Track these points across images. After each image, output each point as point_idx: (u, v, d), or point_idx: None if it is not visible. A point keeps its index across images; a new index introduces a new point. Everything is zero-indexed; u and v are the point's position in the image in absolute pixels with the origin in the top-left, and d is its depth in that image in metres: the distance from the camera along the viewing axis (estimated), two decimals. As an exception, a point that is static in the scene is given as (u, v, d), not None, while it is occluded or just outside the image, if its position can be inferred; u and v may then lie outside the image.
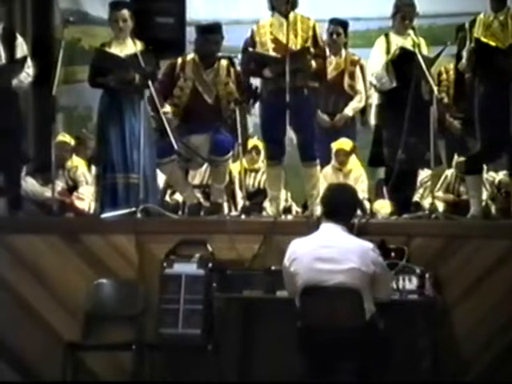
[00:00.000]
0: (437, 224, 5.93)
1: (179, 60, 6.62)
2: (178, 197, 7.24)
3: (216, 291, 5.64)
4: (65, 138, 7.77)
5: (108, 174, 6.52)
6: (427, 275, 5.37)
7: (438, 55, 6.38)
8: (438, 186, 7.23)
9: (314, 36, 6.35)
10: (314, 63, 6.27)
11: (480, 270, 5.53)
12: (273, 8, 6.35)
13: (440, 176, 7.24)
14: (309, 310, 4.76)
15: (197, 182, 7.35)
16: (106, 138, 6.53)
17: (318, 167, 6.58)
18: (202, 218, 6.47)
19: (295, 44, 6.30)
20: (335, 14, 7.43)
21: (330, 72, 7.40)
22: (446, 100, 7.04)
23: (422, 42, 6.43)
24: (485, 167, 6.65)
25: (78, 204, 7.54)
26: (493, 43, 6.02)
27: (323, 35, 6.74)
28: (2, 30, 6.48)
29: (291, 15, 6.33)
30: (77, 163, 7.85)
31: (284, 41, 6.22)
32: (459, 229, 5.80)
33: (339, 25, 7.40)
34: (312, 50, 6.29)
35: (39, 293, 5.95)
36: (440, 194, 7.23)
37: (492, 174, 6.98)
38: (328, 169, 7.30)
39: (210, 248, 5.77)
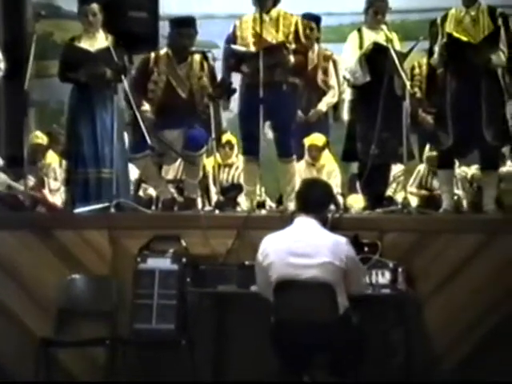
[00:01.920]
0: (409, 218, 5.96)
1: (152, 54, 6.60)
2: (152, 192, 7.22)
3: (190, 286, 5.63)
4: (38, 138, 7.70)
5: (79, 168, 6.48)
6: (400, 269, 5.39)
7: (411, 50, 6.41)
8: (411, 180, 7.27)
9: (296, 32, 6.36)
10: (291, 58, 6.27)
11: (452, 264, 5.57)
12: (255, 3, 6.34)
13: (412, 171, 7.28)
14: (282, 305, 4.78)
15: (170, 176, 7.34)
16: (77, 132, 6.49)
17: (295, 163, 6.60)
18: (175, 213, 6.46)
19: (276, 39, 6.30)
20: (308, 9, 7.42)
21: (303, 67, 7.41)
22: (418, 95, 7.06)
23: (395, 37, 6.46)
24: (457, 162, 6.69)
25: (50, 199, 7.50)
26: (464, 38, 6.05)
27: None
28: (-28, 24, 6.43)
29: (274, 11, 6.35)
30: (50, 159, 7.80)
31: (264, 36, 6.22)
32: (432, 223, 5.84)
33: (312, 19, 7.39)
34: (293, 45, 6.29)
35: (11, 289, 5.91)
36: (413, 188, 7.27)
37: (464, 168, 7.02)
38: (301, 164, 7.31)
39: (183, 243, 5.76)
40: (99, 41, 6.48)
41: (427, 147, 7.16)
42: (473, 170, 6.96)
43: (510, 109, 6.33)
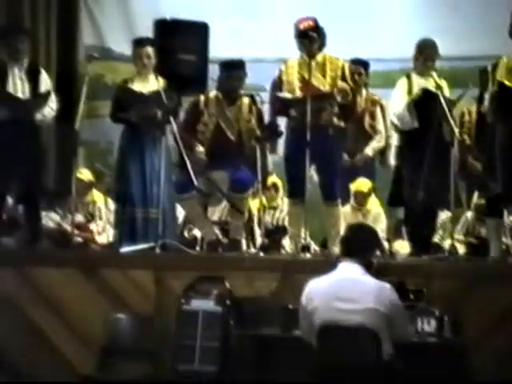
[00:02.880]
0: (456, 266, 5.90)
1: (202, 97, 6.68)
2: (197, 232, 7.25)
3: (233, 328, 5.61)
4: (81, 174, 7.81)
5: (127, 208, 6.55)
6: (446, 318, 5.33)
7: (460, 97, 6.40)
8: (458, 227, 7.20)
9: (343, 76, 6.38)
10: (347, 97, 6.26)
11: (500, 313, 5.48)
12: (301, 48, 6.39)
13: (460, 217, 7.21)
14: (326, 350, 4.73)
15: (216, 218, 7.36)
16: (126, 172, 6.58)
17: (340, 207, 6.59)
18: (220, 254, 6.47)
19: (323, 84, 6.34)
20: (356, 55, 7.46)
21: (351, 111, 7.42)
22: (467, 142, 7.03)
23: (444, 83, 6.46)
24: (505, 210, 6.61)
25: (97, 238, 7.57)
26: (515, 86, 6.03)
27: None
28: (26, 65, 6.55)
29: (319, 55, 6.39)
30: (95, 197, 7.89)
31: (311, 81, 6.25)
32: (479, 271, 5.76)
33: (360, 65, 7.44)
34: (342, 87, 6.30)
35: (56, 325, 5.95)
36: (460, 235, 7.20)
37: (508, 219, 6.94)
38: (347, 208, 7.29)
39: (227, 285, 5.76)
40: (151, 83, 6.59)
41: (475, 194, 7.10)
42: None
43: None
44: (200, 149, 6.52)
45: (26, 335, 5.95)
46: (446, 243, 6.78)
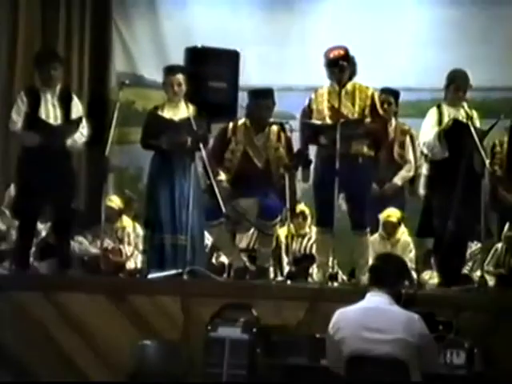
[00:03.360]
0: (486, 298, 5.84)
1: (231, 124, 6.71)
2: (224, 259, 7.25)
3: (260, 357, 5.59)
4: (111, 202, 7.83)
5: (156, 234, 6.57)
6: (476, 350, 5.26)
7: (491, 128, 6.36)
8: (488, 259, 7.13)
9: (373, 105, 6.39)
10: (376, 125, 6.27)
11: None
12: (331, 77, 6.40)
13: (490, 249, 7.15)
14: (354, 380, 4.69)
15: (244, 245, 7.36)
16: (156, 198, 6.60)
17: (368, 236, 6.56)
18: (247, 281, 6.46)
19: (353, 112, 6.34)
20: (387, 84, 7.46)
21: (381, 141, 7.42)
22: (498, 173, 6.99)
23: (475, 114, 6.44)
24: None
25: (126, 264, 7.60)
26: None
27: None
28: (58, 91, 6.62)
29: (349, 84, 6.39)
30: (125, 223, 7.92)
31: (341, 109, 6.26)
32: (509, 303, 5.70)
33: (390, 94, 7.43)
34: (368, 119, 6.31)
35: (84, 350, 5.97)
36: (490, 267, 7.13)
37: None
38: (375, 237, 7.26)
39: (255, 312, 5.74)
40: (181, 110, 6.62)
41: (506, 226, 7.04)
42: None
43: None
44: (222, 176, 6.53)
45: (54, 360, 5.97)
46: (476, 275, 6.72)
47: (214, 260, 7.46)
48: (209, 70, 6.71)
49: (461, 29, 8.50)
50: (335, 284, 6.36)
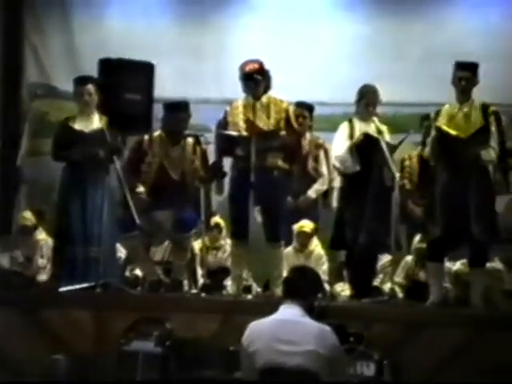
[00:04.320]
0: (396, 310, 5.96)
1: (146, 137, 6.69)
2: (139, 272, 7.20)
3: (174, 370, 5.57)
4: (26, 220, 7.65)
5: (67, 246, 6.48)
6: (385, 362, 5.36)
7: (401, 142, 6.48)
8: (398, 270, 7.26)
9: (287, 118, 6.45)
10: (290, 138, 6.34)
11: (438, 357, 5.54)
12: (246, 90, 6.44)
13: (400, 261, 7.29)
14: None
15: (158, 258, 7.32)
16: (67, 210, 6.52)
17: (283, 248, 6.61)
18: (162, 294, 6.43)
19: (268, 125, 6.38)
20: (301, 98, 7.54)
21: (295, 154, 7.48)
22: (408, 186, 7.14)
23: (385, 129, 6.55)
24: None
25: (38, 277, 7.46)
26: (453, 132, 6.15)
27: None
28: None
29: (264, 97, 6.44)
30: (39, 236, 7.79)
31: (256, 122, 6.30)
32: (418, 316, 5.82)
33: (305, 108, 7.51)
34: (283, 132, 6.37)
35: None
36: (399, 279, 7.26)
37: (448, 264, 7.02)
38: (289, 249, 7.31)
39: (168, 326, 5.72)
40: (93, 121, 6.57)
41: (416, 238, 7.19)
42: (458, 265, 6.96)
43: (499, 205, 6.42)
44: (141, 189, 6.50)
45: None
46: (386, 287, 6.84)
47: (127, 273, 7.39)
48: (123, 82, 6.66)
49: (373, 44, 8.63)
50: (249, 296, 6.38)
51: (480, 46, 8.14)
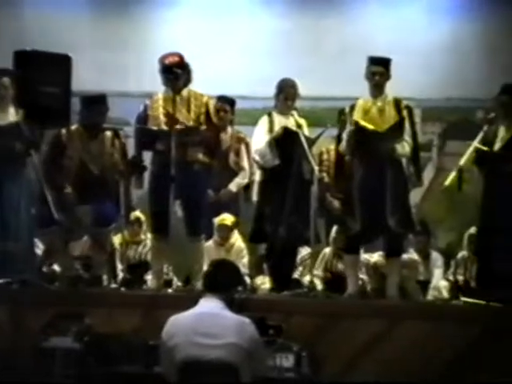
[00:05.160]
0: (315, 302, 6.03)
1: (64, 130, 6.61)
2: (57, 267, 7.11)
3: (93, 365, 5.52)
4: None
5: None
6: (304, 353, 5.41)
7: (319, 136, 6.56)
8: (317, 263, 7.35)
9: (208, 112, 6.44)
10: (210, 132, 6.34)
11: (356, 348, 5.63)
12: (166, 84, 6.41)
13: (319, 254, 7.37)
14: (186, 386, 4.72)
15: (77, 253, 7.24)
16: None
17: (203, 242, 6.62)
18: (80, 289, 6.36)
19: (188, 119, 6.36)
20: (222, 92, 7.55)
21: (216, 148, 7.49)
22: (326, 179, 7.22)
23: (304, 122, 6.62)
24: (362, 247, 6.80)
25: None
26: (370, 126, 6.25)
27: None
28: None
29: (185, 91, 6.42)
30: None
31: (176, 116, 6.28)
32: (336, 307, 5.91)
33: (226, 102, 7.52)
34: (204, 126, 6.37)
35: None
36: (319, 271, 7.35)
37: (366, 256, 7.15)
38: (210, 243, 7.33)
39: (87, 321, 5.67)
40: (9, 115, 6.44)
41: (333, 230, 7.29)
42: (375, 256, 7.09)
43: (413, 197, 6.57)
44: (68, 189, 6.43)
45: None
46: (306, 279, 6.92)
47: (45, 268, 7.29)
48: (39, 75, 6.54)
49: (291, 40, 8.75)
50: (170, 290, 6.36)
51: (393, 40, 8.34)
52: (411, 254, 7.19)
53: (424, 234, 7.37)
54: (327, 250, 7.45)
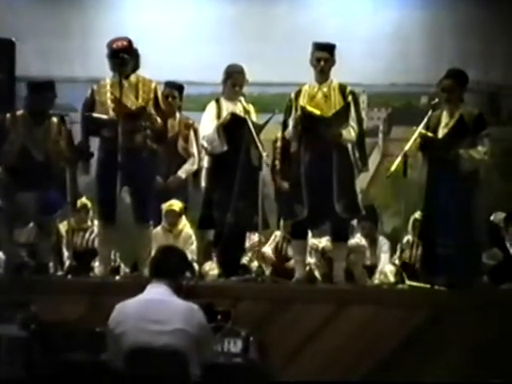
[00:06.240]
0: (263, 288, 6.06)
1: (8, 115, 6.51)
2: (1, 255, 7.02)
3: (39, 354, 5.47)
4: None
5: None
6: (252, 338, 5.43)
7: (267, 122, 6.56)
8: (269, 242, 7.38)
9: (156, 98, 6.39)
10: (159, 120, 6.30)
11: (304, 333, 5.67)
12: (113, 69, 6.35)
13: (268, 240, 7.40)
14: (133, 373, 4.69)
15: (23, 240, 7.16)
16: None
17: (151, 228, 6.59)
18: (26, 277, 6.29)
19: (136, 105, 6.31)
20: (169, 77, 7.51)
21: (164, 134, 7.45)
22: (279, 166, 7.24)
23: (252, 108, 6.61)
24: (309, 232, 6.84)
25: None
26: (317, 112, 6.27)
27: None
28: None
29: (133, 76, 6.36)
30: None
31: (123, 101, 6.23)
32: (284, 293, 5.94)
33: (174, 88, 7.48)
34: (152, 110, 6.33)
35: None
36: (268, 249, 7.35)
37: (314, 241, 7.19)
38: (158, 229, 7.30)
39: (33, 309, 5.61)
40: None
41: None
42: (323, 241, 7.14)
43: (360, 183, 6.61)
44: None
45: None
46: (254, 265, 6.94)
47: (-10, 256, 7.20)
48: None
49: (238, 26, 8.78)
50: (117, 277, 6.32)
51: (339, 27, 8.41)
52: (358, 239, 7.26)
53: (371, 219, 7.43)
54: (278, 233, 7.47)
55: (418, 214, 6.86)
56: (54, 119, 6.53)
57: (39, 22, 8.65)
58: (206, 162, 7.11)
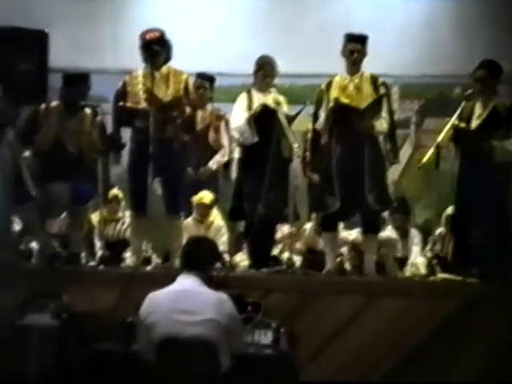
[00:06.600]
0: (293, 279, 6.05)
1: (43, 106, 6.55)
2: (34, 245, 7.08)
3: (71, 343, 5.51)
4: None
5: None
6: (282, 330, 5.43)
7: (298, 113, 6.53)
8: (299, 238, 7.37)
9: (186, 89, 6.40)
10: (188, 109, 6.32)
11: (333, 325, 5.66)
12: (146, 60, 6.36)
13: (299, 231, 7.38)
14: (164, 363, 4.72)
15: (55, 230, 7.22)
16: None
17: (182, 219, 6.60)
18: (58, 267, 6.33)
19: (167, 96, 6.32)
20: (200, 69, 7.52)
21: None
22: (308, 158, 7.21)
23: (283, 100, 6.59)
24: (341, 224, 6.81)
25: None
26: (351, 104, 6.24)
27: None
28: None
29: (164, 68, 6.37)
30: None
31: (155, 92, 6.24)
32: (314, 284, 5.93)
33: (205, 79, 7.49)
34: (185, 100, 6.33)
35: None
36: (299, 245, 7.35)
37: (344, 233, 7.16)
38: (189, 220, 7.32)
39: (65, 299, 5.65)
40: (-15, 91, 6.40)
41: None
42: (354, 233, 7.11)
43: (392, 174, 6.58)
44: (26, 153, 6.36)
45: None
46: (285, 256, 6.93)
47: (23, 246, 7.26)
48: (15, 51, 6.49)
49: (270, 18, 8.78)
50: (148, 268, 6.36)
51: (370, 18, 8.37)
52: (389, 232, 7.22)
53: (402, 212, 7.39)
54: (308, 226, 7.46)
55: (450, 210, 6.81)
56: (88, 111, 6.57)
57: (70, 11, 8.70)
58: (236, 154, 7.13)
